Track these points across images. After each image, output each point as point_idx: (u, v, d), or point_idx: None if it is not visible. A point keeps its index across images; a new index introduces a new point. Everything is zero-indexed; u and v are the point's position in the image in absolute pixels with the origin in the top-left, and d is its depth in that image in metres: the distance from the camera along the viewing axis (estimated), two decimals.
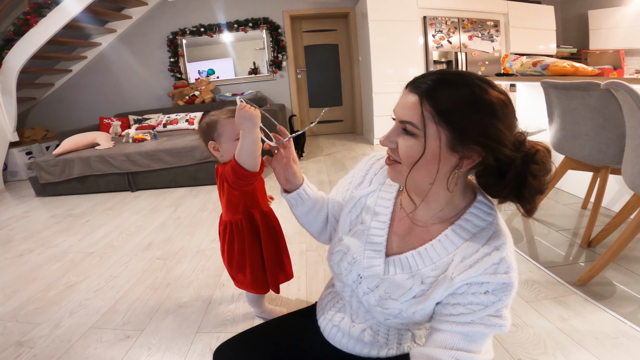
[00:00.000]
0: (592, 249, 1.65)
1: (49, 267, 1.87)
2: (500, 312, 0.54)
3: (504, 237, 0.57)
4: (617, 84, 1.20)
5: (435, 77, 0.55)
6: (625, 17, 4.64)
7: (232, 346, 0.79)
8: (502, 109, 0.53)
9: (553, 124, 1.80)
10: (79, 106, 4.92)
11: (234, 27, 4.79)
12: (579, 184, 2.26)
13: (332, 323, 0.77)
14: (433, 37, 4.29)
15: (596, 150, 1.55)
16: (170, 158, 3.14)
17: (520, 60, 2.20)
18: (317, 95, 5.42)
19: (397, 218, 0.68)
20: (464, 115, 0.52)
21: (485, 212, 0.60)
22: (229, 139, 1.07)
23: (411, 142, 0.56)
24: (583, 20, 5.13)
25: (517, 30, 4.58)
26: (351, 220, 0.72)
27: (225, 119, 1.07)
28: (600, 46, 4.83)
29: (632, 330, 1.12)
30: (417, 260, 0.61)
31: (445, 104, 0.52)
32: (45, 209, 2.93)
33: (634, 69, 4.83)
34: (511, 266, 0.55)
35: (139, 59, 4.84)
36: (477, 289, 0.55)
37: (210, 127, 1.09)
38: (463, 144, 0.53)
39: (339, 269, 0.70)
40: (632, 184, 1.28)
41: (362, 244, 0.68)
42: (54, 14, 3.67)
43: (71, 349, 1.23)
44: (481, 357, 0.55)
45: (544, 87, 1.75)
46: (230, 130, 1.06)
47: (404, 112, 0.56)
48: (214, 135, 1.08)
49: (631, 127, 1.25)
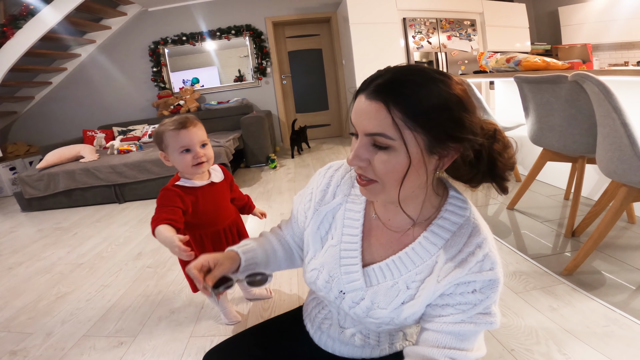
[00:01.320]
0: (577, 239, 1.67)
1: (38, 279, 1.85)
2: (489, 308, 0.55)
3: (483, 232, 0.56)
4: (584, 76, 1.26)
5: (392, 77, 0.50)
6: (593, 12, 4.82)
7: (221, 351, 0.77)
8: (468, 99, 0.51)
9: (529, 118, 1.87)
10: (61, 119, 4.85)
11: (217, 34, 4.80)
12: (559, 175, 2.33)
13: (320, 330, 0.75)
14: (413, 38, 4.38)
15: (571, 141, 1.62)
16: (157, 168, 3.12)
17: (495, 58, 2.28)
18: (303, 100, 5.46)
19: (373, 227, 0.65)
20: (437, 115, 0.49)
21: (460, 207, 0.59)
22: (175, 151, 1.07)
23: (388, 156, 0.51)
24: (554, 17, 5.31)
25: (493, 28, 4.71)
26: (321, 237, 0.69)
27: (171, 131, 1.06)
28: (573, 41, 5.00)
29: (623, 318, 1.13)
30: (398, 266, 0.60)
31: (414, 105, 0.48)
32: (32, 224, 2.88)
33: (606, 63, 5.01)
34: (495, 261, 0.54)
35: (121, 69, 4.80)
36: (465, 289, 0.55)
37: (158, 137, 1.09)
38: (441, 144, 0.50)
39: (316, 287, 0.68)
40: (607, 170, 1.34)
41: (337, 260, 0.65)
42: (30, 26, 3.60)
43: (65, 357, 1.22)
44: (474, 354, 0.56)
45: (517, 82, 1.82)
46: (175, 143, 1.06)
47: (370, 123, 0.50)
48: (162, 146, 1.09)
49: (600, 116, 1.31)
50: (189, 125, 1.07)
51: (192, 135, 1.07)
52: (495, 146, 0.55)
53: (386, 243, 0.63)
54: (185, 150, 1.07)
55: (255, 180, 3.44)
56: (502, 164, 0.55)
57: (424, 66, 0.52)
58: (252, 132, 3.92)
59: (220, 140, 3.44)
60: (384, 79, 0.50)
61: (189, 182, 1.12)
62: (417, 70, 0.50)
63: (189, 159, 1.07)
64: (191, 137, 1.07)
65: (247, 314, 1.38)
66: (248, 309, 1.41)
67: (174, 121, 1.07)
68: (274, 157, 3.91)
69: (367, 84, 0.51)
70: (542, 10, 5.53)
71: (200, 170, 1.11)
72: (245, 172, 3.85)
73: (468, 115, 0.51)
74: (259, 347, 0.78)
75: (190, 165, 1.08)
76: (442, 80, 0.50)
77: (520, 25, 4.91)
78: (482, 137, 0.53)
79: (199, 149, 1.08)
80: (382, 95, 0.49)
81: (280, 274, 1.64)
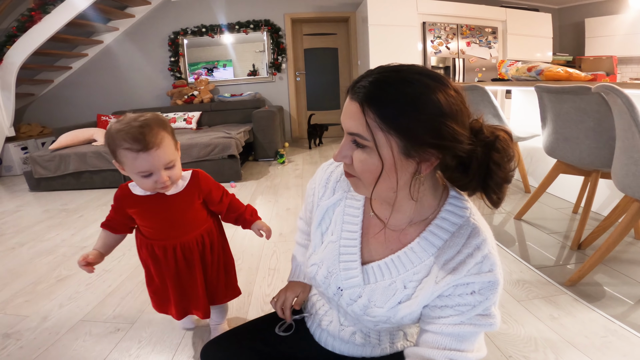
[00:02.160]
0: (582, 251, 1.67)
1: (40, 261, 1.86)
2: (488, 310, 0.54)
3: (483, 233, 0.55)
4: (608, 87, 1.22)
5: (373, 78, 0.50)
6: (622, 24, 4.71)
7: (219, 344, 0.77)
8: (450, 103, 0.48)
9: (546, 128, 1.82)
10: (77, 103, 4.92)
11: (235, 28, 4.82)
12: (570, 189, 2.29)
13: (320, 327, 0.75)
14: (432, 42, 4.33)
15: (587, 154, 1.58)
16: None
17: (516, 66, 2.24)
18: (315, 98, 5.45)
19: (372, 224, 0.65)
20: (410, 118, 0.47)
21: (460, 207, 0.58)
22: (132, 173, 0.85)
23: (364, 156, 0.51)
24: (580, 28, 5.21)
25: (515, 37, 4.64)
26: (322, 233, 0.69)
27: (125, 150, 0.80)
28: (596, 53, 4.89)
29: (621, 329, 1.14)
30: (397, 265, 0.60)
31: (388, 107, 0.47)
32: (39, 204, 2.92)
33: (627, 77, 4.90)
34: (495, 263, 0.54)
35: (140, 57, 4.86)
36: (464, 290, 0.54)
37: (110, 148, 0.85)
38: (416, 148, 0.49)
39: (316, 282, 0.68)
40: (621, 184, 1.30)
41: (336, 256, 0.65)
42: (58, 11, 3.68)
43: (58, 341, 1.22)
44: (474, 355, 0.55)
45: (538, 92, 1.77)
46: (131, 165, 0.82)
47: (350, 123, 0.51)
48: (116, 158, 0.85)
49: (621, 129, 1.27)
50: (151, 147, 0.80)
51: (154, 160, 0.82)
52: (494, 155, 0.51)
53: (385, 242, 0.62)
54: (145, 175, 0.84)
55: (263, 174, 3.44)
56: (497, 175, 0.51)
57: (410, 66, 0.50)
58: (263, 126, 3.93)
59: (232, 132, 3.45)
60: (367, 80, 0.50)
61: (138, 189, 0.93)
62: (397, 69, 0.50)
63: (150, 183, 0.86)
64: (152, 162, 0.82)
65: (247, 308, 1.36)
66: (249, 302, 1.40)
67: (130, 133, 0.79)
68: (283, 152, 3.91)
69: (353, 83, 0.52)
70: (567, 21, 5.43)
71: (163, 191, 0.91)
72: (253, 166, 3.85)
73: (445, 119, 0.48)
74: (259, 340, 0.77)
75: (151, 189, 0.88)
76: (420, 82, 0.48)
77: (543, 35, 4.83)
78: (476, 144, 0.51)
79: (164, 172, 0.85)
80: (359, 96, 0.49)
81: (282, 268, 1.63)
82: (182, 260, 0.99)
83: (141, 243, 1.01)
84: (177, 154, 0.91)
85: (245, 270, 1.64)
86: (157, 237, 0.98)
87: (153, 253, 0.99)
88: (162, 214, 0.95)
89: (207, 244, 1.02)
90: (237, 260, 1.74)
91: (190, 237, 0.99)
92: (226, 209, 1.05)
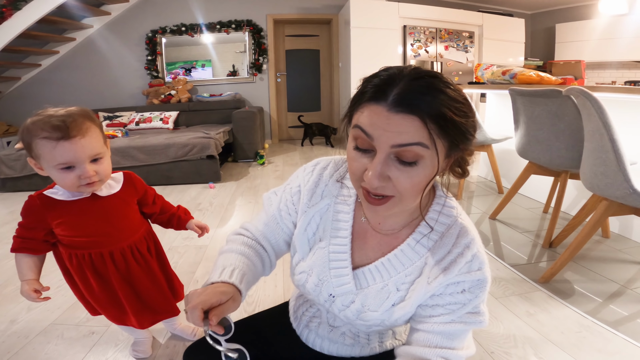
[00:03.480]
0: (553, 249, 1.74)
1: (6, 264, 1.76)
2: (477, 308, 0.56)
3: (471, 233, 0.57)
4: (577, 90, 1.28)
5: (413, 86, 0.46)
6: (591, 30, 4.92)
7: (202, 347, 0.74)
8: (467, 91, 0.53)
9: (519, 130, 1.89)
10: (46, 102, 4.42)
11: (216, 27, 4.74)
12: (540, 190, 2.39)
13: (308, 328, 0.74)
14: (411, 46, 4.42)
15: (556, 155, 1.64)
16: (143, 155, 3.05)
17: (491, 70, 2.31)
18: (296, 99, 5.44)
19: (362, 229, 0.63)
20: (460, 120, 0.47)
21: (448, 207, 0.59)
22: (48, 166, 0.75)
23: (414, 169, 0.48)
24: (550, 33, 5.43)
25: (490, 42, 4.79)
26: (308, 239, 0.66)
27: (43, 140, 0.72)
28: (565, 58, 5.12)
29: (594, 325, 1.19)
30: (388, 268, 0.60)
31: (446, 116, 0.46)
32: (4, 205, 2.77)
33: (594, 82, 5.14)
34: (483, 261, 0.55)
35: (114, 56, 4.69)
36: (454, 289, 0.55)
37: (25, 142, 0.75)
38: (456, 147, 0.50)
39: (305, 290, 0.66)
40: (590, 184, 1.36)
41: (325, 263, 0.63)
42: (30, 7, 3.50)
43: (28, 345, 1.16)
44: (464, 352, 0.56)
45: (512, 95, 1.84)
46: (50, 156, 0.73)
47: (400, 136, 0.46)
48: (31, 153, 0.76)
49: (589, 131, 1.33)
50: (74, 134, 0.73)
51: (76, 149, 0.73)
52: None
53: (375, 245, 0.62)
54: (65, 167, 0.75)
55: (243, 175, 3.40)
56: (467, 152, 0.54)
57: (433, 71, 0.50)
58: (243, 126, 3.88)
59: (210, 132, 3.39)
60: (404, 87, 0.46)
61: (61, 193, 0.82)
62: (432, 75, 0.48)
63: (72, 179, 0.76)
64: (75, 152, 0.73)
65: None
66: None
67: (48, 122, 0.72)
68: (263, 153, 3.88)
69: (382, 92, 0.46)
70: (539, 26, 5.65)
71: (89, 190, 0.82)
72: (233, 167, 3.80)
73: (475, 117, 0.52)
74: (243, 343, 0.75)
75: (74, 186, 0.78)
76: (453, 85, 0.49)
77: (516, 40, 5.00)
78: None
79: (89, 165, 0.76)
80: (416, 109, 0.45)
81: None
82: (135, 264, 0.92)
83: (68, 255, 0.88)
84: (107, 150, 0.84)
85: None
86: (93, 246, 0.87)
87: (90, 264, 0.88)
88: (98, 218, 0.85)
89: (151, 246, 0.99)
90: None
91: (136, 239, 0.93)
92: (159, 209, 1.01)
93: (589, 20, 4.94)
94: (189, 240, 1.93)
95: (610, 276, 1.48)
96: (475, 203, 2.49)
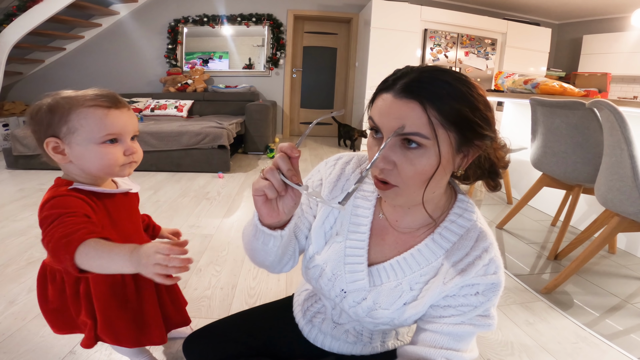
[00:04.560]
0: (558, 262, 1.73)
1: (11, 242, 1.77)
2: (488, 311, 0.56)
3: (490, 237, 0.57)
4: (602, 103, 1.24)
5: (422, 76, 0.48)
6: (619, 43, 4.78)
7: (203, 336, 0.75)
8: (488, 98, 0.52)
9: (535, 141, 1.85)
10: (66, 85, 4.47)
11: (237, 20, 4.77)
12: (550, 203, 2.35)
13: (311, 324, 0.74)
14: (431, 49, 4.37)
15: (572, 168, 1.61)
16: (155, 141, 3.08)
17: (512, 78, 2.26)
18: (310, 96, 5.43)
19: (381, 226, 0.63)
20: (470, 113, 0.48)
21: (468, 210, 0.59)
22: (92, 140, 0.66)
23: (418, 156, 0.48)
24: (576, 44, 5.29)
25: (512, 50, 4.70)
26: (325, 232, 0.65)
27: (90, 108, 0.65)
28: (589, 70, 4.97)
29: (591, 336, 1.20)
30: (403, 267, 0.59)
31: (450, 104, 0.47)
32: (14, 182, 2.82)
33: (616, 95, 4.99)
34: (499, 266, 0.55)
35: (137, 43, 4.76)
36: (468, 291, 0.55)
37: (56, 113, 0.65)
38: (468, 142, 0.50)
39: (318, 284, 0.65)
40: (604, 199, 1.33)
41: (341, 258, 0.62)
42: None
43: (24, 328, 1.15)
44: (469, 355, 0.56)
45: (532, 104, 1.80)
46: (96, 128, 0.65)
47: (402, 122, 0.48)
48: (61, 128, 0.65)
49: (609, 146, 1.29)
50: (123, 105, 0.70)
51: (126, 119, 0.69)
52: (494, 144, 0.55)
53: (392, 243, 0.61)
54: (111, 140, 0.68)
55: (252, 167, 3.41)
56: (499, 162, 0.57)
57: (446, 67, 0.52)
58: (256, 119, 3.90)
59: (223, 122, 3.41)
60: (411, 77, 0.48)
61: (95, 188, 0.70)
62: (444, 70, 0.50)
63: (117, 154, 0.68)
64: (125, 122, 0.69)
65: (231, 300, 1.33)
66: (233, 294, 1.37)
67: (93, 94, 0.68)
68: (273, 147, 3.89)
69: (392, 83, 0.50)
70: (565, 37, 5.52)
71: (127, 172, 0.73)
72: (243, 158, 3.81)
73: (492, 113, 0.52)
74: (245, 333, 0.75)
75: (117, 164, 0.69)
76: (466, 81, 0.50)
77: (540, 50, 4.89)
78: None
79: (130, 141, 0.72)
80: (415, 94, 0.47)
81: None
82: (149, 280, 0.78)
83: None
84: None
85: (230, 262, 1.61)
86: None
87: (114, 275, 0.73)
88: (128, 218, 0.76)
89: None
90: (222, 251, 1.72)
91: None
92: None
93: (619, 33, 4.80)
94: (195, 229, 1.94)
95: (612, 290, 1.48)
96: (482, 211, 2.46)
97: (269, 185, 0.47)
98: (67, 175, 0.71)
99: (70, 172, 0.71)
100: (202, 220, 2.06)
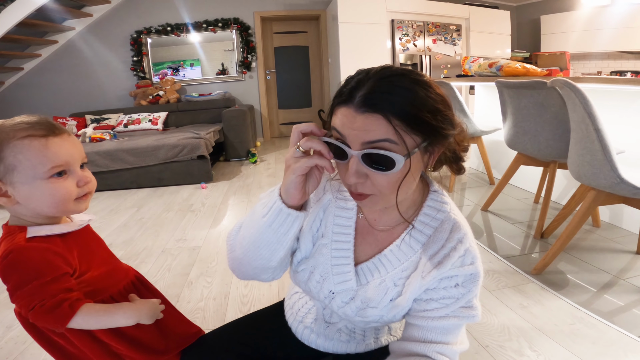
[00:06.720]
0: (545, 240, 1.75)
1: None
2: (470, 302, 0.56)
3: (464, 227, 0.58)
4: (561, 81, 1.29)
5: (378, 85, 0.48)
6: (575, 21, 4.97)
7: (196, 348, 0.74)
8: (447, 97, 0.52)
9: (506, 122, 1.91)
10: (31, 105, 4.60)
11: (203, 27, 4.70)
12: (530, 180, 2.41)
13: (303, 325, 0.74)
14: (400, 40, 4.42)
15: (544, 145, 1.66)
16: (132, 158, 3.02)
17: (478, 62, 2.33)
18: (287, 96, 5.42)
19: (362, 225, 0.64)
20: (431, 116, 0.48)
21: (441, 202, 0.60)
22: (33, 177, 0.57)
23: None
24: (536, 25, 5.47)
25: (477, 34, 4.81)
26: (312, 236, 0.66)
27: (25, 140, 0.56)
28: (551, 49, 5.17)
29: (587, 317, 1.19)
30: (385, 264, 0.60)
31: (411, 111, 0.47)
32: None
33: (580, 72, 5.20)
34: (475, 256, 0.56)
35: (99, 57, 4.62)
36: (448, 283, 0.56)
37: None
38: (434, 143, 0.51)
39: (307, 287, 0.66)
40: (577, 174, 1.38)
41: (328, 260, 0.63)
42: (8, 11, 3.42)
43: (26, 351, 1.15)
44: (458, 347, 0.57)
45: (498, 87, 1.85)
46: (40, 160, 0.57)
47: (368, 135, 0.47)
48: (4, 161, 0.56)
49: (574, 122, 1.35)
50: (61, 131, 0.61)
51: (70, 147, 0.61)
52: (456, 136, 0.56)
53: (373, 242, 0.63)
54: (58, 173, 0.59)
55: (235, 174, 3.39)
56: (459, 147, 0.58)
57: (403, 69, 0.51)
58: (234, 125, 3.86)
59: (200, 132, 3.36)
60: (368, 87, 0.48)
61: (56, 228, 0.61)
62: (400, 73, 0.49)
63: (70, 187, 0.60)
64: (69, 150, 0.60)
65: (225, 310, 1.34)
66: (226, 303, 1.37)
67: (24, 122, 0.58)
68: (255, 151, 3.86)
69: (349, 95, 0.49)
70: (524, 18, 5.68)
71: (83, 207, 0.64)
72: (225, 166, 3.78)
73: (451, 112, 0.52)
74: (238, 343, 0.75)
75: (71, 199, 0.61)
76: (423, 82, 0.50)
77: (502, 32, 5.03)
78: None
79: (80, 170, 0.63)
80: (378, 107, 0.46)
81: None
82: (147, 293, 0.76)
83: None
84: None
85: (221, 272, 1.61)
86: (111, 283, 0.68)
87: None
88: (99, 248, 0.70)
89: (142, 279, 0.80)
90: (212, 262, 1.72)
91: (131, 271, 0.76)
92: None
93: (573, 12, 4.99)
94: (182, 242, 1.92)
95: (603, 266, 1.48)
96: (467, 195, 2.51)
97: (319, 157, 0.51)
98: (17, 219, 0.62)
99: (20, 215, 0.61)
100: (189, 233, 2.04)
